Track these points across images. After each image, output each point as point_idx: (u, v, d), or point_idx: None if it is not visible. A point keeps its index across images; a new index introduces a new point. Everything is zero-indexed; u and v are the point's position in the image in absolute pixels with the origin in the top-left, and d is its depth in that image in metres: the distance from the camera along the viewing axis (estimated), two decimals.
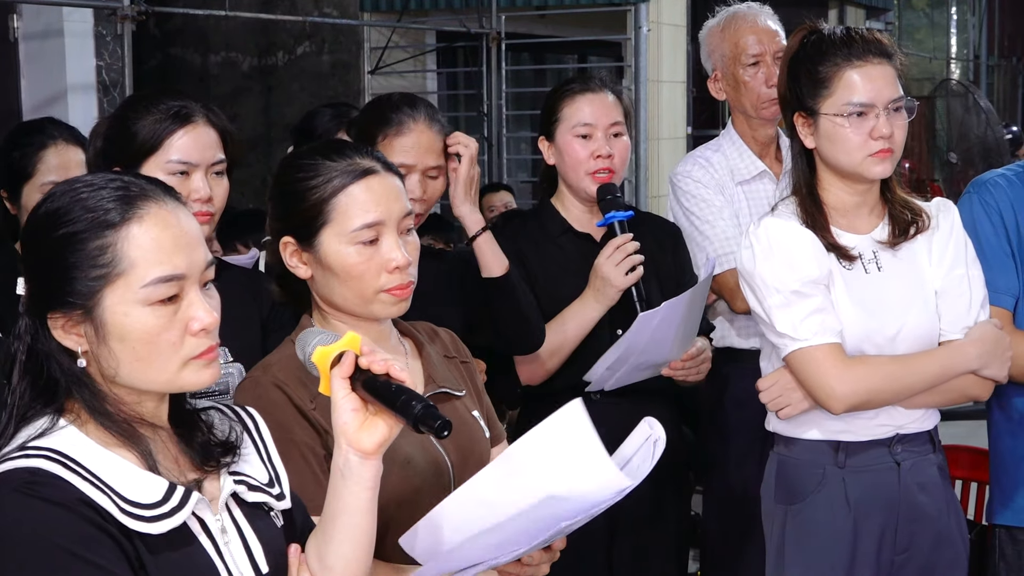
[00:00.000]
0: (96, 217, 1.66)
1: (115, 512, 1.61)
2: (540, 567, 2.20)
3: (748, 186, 3.63)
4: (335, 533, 1.82)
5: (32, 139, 3.27)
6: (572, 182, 3.22)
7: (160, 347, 1.67)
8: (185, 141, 2.60)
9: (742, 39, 3.66)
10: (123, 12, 5.24)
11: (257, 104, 7.91)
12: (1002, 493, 3.05)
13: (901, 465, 2.76)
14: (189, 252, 1.69)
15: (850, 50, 2.69)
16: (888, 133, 2.66)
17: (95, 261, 1.65)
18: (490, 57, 7.26)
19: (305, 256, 2.18)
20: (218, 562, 1.70)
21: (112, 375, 1.68)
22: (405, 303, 2.18)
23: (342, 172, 2.15)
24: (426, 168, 2.93)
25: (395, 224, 2.15)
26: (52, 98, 5.50)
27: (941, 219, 2.78)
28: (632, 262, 3.09)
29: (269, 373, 2.12)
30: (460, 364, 2.36)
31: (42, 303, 1.69)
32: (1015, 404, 2.91)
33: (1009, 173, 3.04)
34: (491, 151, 7.36)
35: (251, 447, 1.85)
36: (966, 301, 2.75)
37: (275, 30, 7.75)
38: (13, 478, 1.60)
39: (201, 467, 1.75)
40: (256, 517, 1.79)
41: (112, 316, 1.65)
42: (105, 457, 1.66)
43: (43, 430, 1.67)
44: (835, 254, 2.72)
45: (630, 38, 7.21)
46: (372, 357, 1.78)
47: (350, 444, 1.79)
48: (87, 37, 5.53)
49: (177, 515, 1.66)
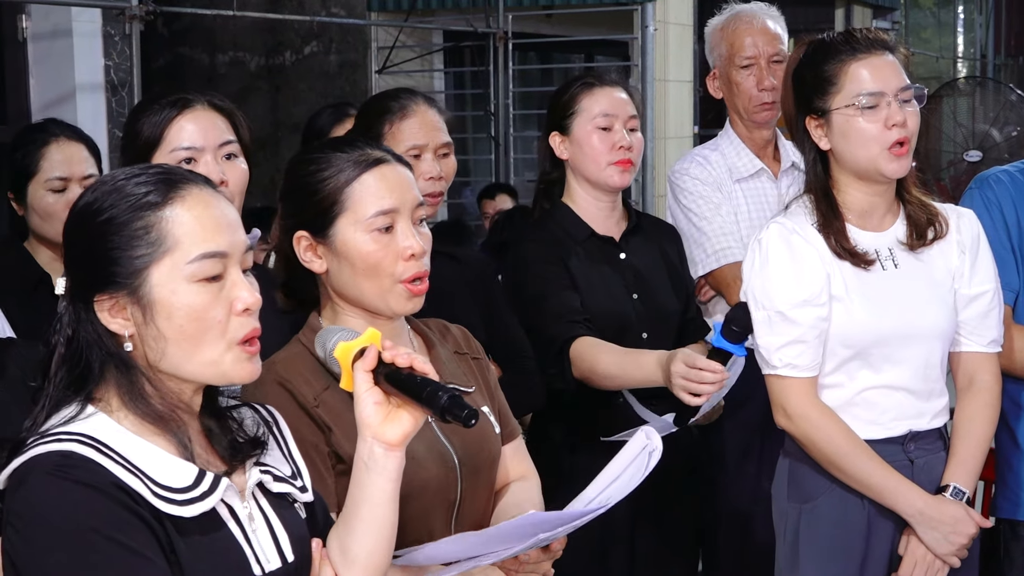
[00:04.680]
0: (137, 200, 1.69)
1: (147, 495, 1.63)
2: (540, 565, 2.21)
3: (746, 184, 3.65)
4: (358, 524, 1.84)
5: (33, 138, 3.29)
6: (592, 174, 3.19)
7: (207, 325, 1.69)
8: (185, 125, 2.57)
9: (738, 40, 3.67)
10: (131, 12, 5.26)
11: (265, 104, 7.92)
12: (1005, 487, 3.06)
13: (915, 463, 2.76)
14: (231, 233, 1.73)
15: (852, 46, 2.69)
16: (902, 120, 2.64)
17: (140, 240, 1.68)
18: (497, 56, 7.26)
19: (320, 249, 2.19)
20: (246, 547, 1.73)
21: (157, 358, 1.70)
22: (419, 300, 2.19)
23: (354, 162, 2.16)
24: (437, 146, 2.95)
25: (409, 213, 2.16)
26: (61, 98, 5.51)
27: (964, 228, 2.77)
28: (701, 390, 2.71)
29: (273, 371, 2.12)
30: (471, 360, 2.37)
31: (87, 288, 1.70)
32: (1016, 399, 2.92)
33: (1012, 169, 3.05)
34: (498, 150, 7.36)
35: (273, 443, 1.88)
36: (996, 315, 2.78)
37: (283, 30, 7.75)
38: (46, 461, 1.62)
39: (229, 459, 1.78)
40: (281, 507, 1.82)
41: (159, 293, 1.68)
42: (136, 443, 1.68)
43: (70, 417, 1.69)
44: (848, 260, 2.70)
45: (637, 37, 7.21)
46: (395, 351, 1.80)
47: (375, 437, 1.81)
48: (95, 37, 5.54)
49: (207, 500, 1.68)
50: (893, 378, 2.73)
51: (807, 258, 2.70)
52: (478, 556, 2.05)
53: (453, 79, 8.26)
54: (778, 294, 2.69)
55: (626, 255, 3.26)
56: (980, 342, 2.78)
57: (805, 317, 2.67)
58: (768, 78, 3.63)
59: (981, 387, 2.79)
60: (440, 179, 2.94)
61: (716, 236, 3.52)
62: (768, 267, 2.72)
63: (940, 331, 2.75)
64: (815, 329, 2.68)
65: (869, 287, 2.71)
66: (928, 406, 2.77)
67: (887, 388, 2.74)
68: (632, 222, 3.31)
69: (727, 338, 2.66)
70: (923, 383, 2.75)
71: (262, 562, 1.74)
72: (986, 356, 2.80)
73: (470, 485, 2.22)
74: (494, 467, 2.30)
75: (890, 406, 2.74)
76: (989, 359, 2.80)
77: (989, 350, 2.79)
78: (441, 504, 2.17)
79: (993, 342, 2.79)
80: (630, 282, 3.24)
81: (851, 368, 2.73)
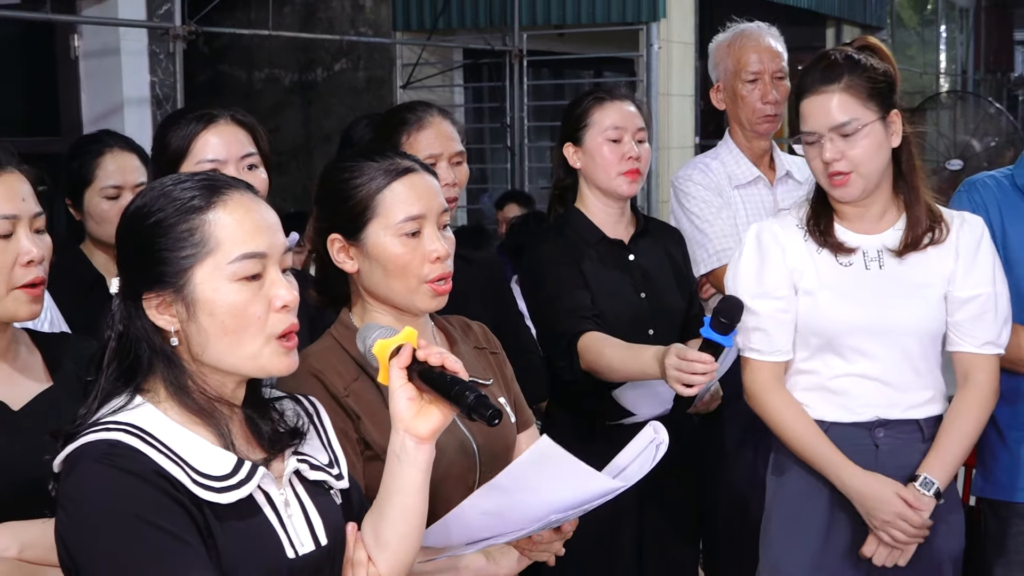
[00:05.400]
0: (183, 204, 1.69)
1: (187, 483, 1.63)
2: (552, 545, 2.20)
3: (744, 190, 3.65)
4: (390, 511, 1.83)
5: (90, 148, 3.29)
6: (603, 183, 3.18)
7: (246, 321, 1.69)
8: (210, 139, 2.58)
9: (745, 56, 3.66)
10: (175, 31, 5.27)
11: (298, 117, 7.93)
12: (985, 469, 3.04)
13: (880, 448, 2.74)
14: (270, 235, 1.72)
15: (801, 82, 2.72)
16: (832, 158, 2.64)
17: (185, 242, 1.67)
18: (512, 72, 7.25)
19: (352, 251, 2.19)
20: (280, 532, 1.72)
21: (200, 352, 1.70)
22: (443, 298, 2.19)
23: (385, 171, 2.15)
24: (451, 155, 2.97)
25: (435, 218, 2.16)
26: (110, 111, 5.52)
27: (964, 233, 2.73)
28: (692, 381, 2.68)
29: (307, 363, 2.12)
30: (490, 355, 2.36)
31: (137, 286, 1.70)
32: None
33: (998, 175, 3.06)
34: (513, 159, 7.37)
35: (314, 433, 1.87)
36: (991, 318, 2.71)
37: (314, 48, 7.76)
38: (94, 450, 1.62)
39: (269, 449, 1.77)
40: (317, 494, 1.80)
41: (203, 292, 1.67)
42: (179, 432, 1.68)
43: (120, 407, 1.68)
44: (829, 251, 2.72)
45: (642, 55, 7.20)
46: (428, 350, 1.78)
47: (406, 430, 1.79)
48: (142, 55, 5.55)
49: (244, 487, 1.68)
50: (865, 368, 2.72)
51: (772, 255, 2.74)
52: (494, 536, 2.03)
53: (472, 93, 8.24)
54: (743, 285, 2.76)
55: (635, 257, 3.25)
56: (974, 343, 2.73)
57: (763, 307, 2.73)
58: (771, 92, 3.64)
59: (973, 385, 2.75)
60: (454, 185, 2.95)
61: (717, 237, 3.52)
62: (739, 261, 2.79)
63: (915, 329, 2.71)
64: (773, 319, 2.73)
65: (844, 282, 2.72)
66: (904, 397, 2.74)
67: (859, 377, 2.73)
68: (640, 226, 3.30)
69: (716, 330, 2.64)
70: (899, 375, 2.72)
71: (296, 545, 1.73)
72: (981, 357, 2.74)
73: (488, 470, 2.20)
74: (510, 453, 2.29)
75: (860, 393, 2.73)
76: (985, 360, 2.74)
77: (983, 351, 2.73)
78: (461, 487, 2.16)
79: (989, 344, 2.73)
80: (638, 282, 3.23)
81: (825, 357, 2.75)
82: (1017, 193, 3.00)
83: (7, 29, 5.96)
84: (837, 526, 2.77)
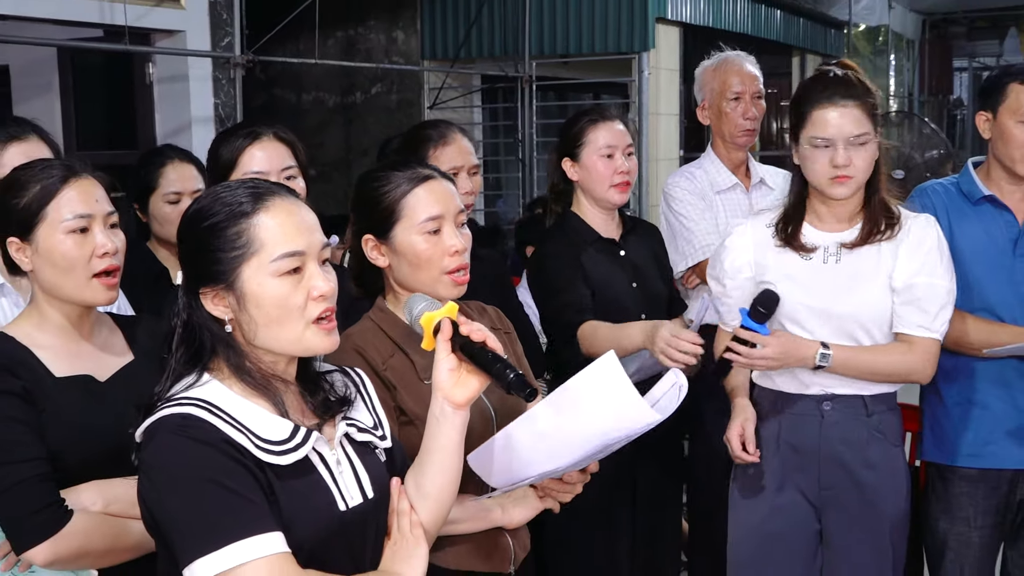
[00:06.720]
0: (233, 209, 1.68)
1: (251, 448, 1.62)
2: (576, 486, 2.19)
3: (724, 195, 3.65)
4: (430, 466, 1.82)
5: (154, 159, 3.29)
6: (598, 194, 3.18)
7: (289, 310, 1.68)
8: (255, 153, 2.59)
9: (729, 78, 3.68)
10: (235, 60, 5.30)
11: (340, 134, 7.93)
12: (933, 436, 3.03)
13: (825, 417, 2.73)
14: (308, 235, 1.71)
15: (811, 94, 2.68)
16: (844, 163, 2.62)
17: (234, 243, 1.66)
18: (524, 95, 7.24)
19: (383, 248, 2.19)
20: (333, 488, 1.71)
21: (251, 337, 1.69)
22: (462, 287, 2.19)
23: (408, 179, 2.16)
24: (470, 167, 2.99)
25: (452, 218, 2.16)
26: (179, 128, 5.52)
27: (914, 230, 2.69)
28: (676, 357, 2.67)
29: (350, 340, 2.13)
30: (504, 335, 2.36)
31: (195, 282, 1.70)
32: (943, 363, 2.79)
33: (945, 182, 3.05)
34: (524, 170, 7.36)
35: (360, 400, 1.87)
36: (926, 305, 2.65)
37: (355, 75, 7.76)
38: (169, 422, 1.62)
39: (321, 415, 1.76)
40: (364, 453, 1.80)
41: (249, 286, 1.67)
42: (243, 404, 1.68)
43: (191, 384, 1.68)
44: (791, 248, 2.72)
45: (635, 80, 7.19)
46: (471, 326, 1.77)
47: (445, 397, 1.79)
48: (207, 80, 5.55)
49: (301, 450, 1.67)
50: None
51: (736, 247, 2.80)
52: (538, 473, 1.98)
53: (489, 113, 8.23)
54: (716, 266, 2.85)
55: (625, 252, 3.25)
56: (908, 326, 2.67)
57: (723, 285, 2.83)
58: (751, 109, 3.66)
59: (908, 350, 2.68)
60: (471, 193, 2.98)
61: (702, 235, 3.53)
62: (719, 247, 2.88)
63: (858, 315, 2.67)
64: (730, 297, 2.80)
65: (802, 274, 2.71)
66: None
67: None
68: (628, 226, 3.31)
69: (754, 319, 2.64)
70: None
71: (347, 499, 1.73)
72: (915, 337, 2.67)
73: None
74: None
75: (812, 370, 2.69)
76: (919, 341, 2.67)
77: (916, 333, 2.66)
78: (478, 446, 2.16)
79: (922, 328, 2.66)
80: (630, 274, 3.23)
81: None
82: (962, 198, 2.99)
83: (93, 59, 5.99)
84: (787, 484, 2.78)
